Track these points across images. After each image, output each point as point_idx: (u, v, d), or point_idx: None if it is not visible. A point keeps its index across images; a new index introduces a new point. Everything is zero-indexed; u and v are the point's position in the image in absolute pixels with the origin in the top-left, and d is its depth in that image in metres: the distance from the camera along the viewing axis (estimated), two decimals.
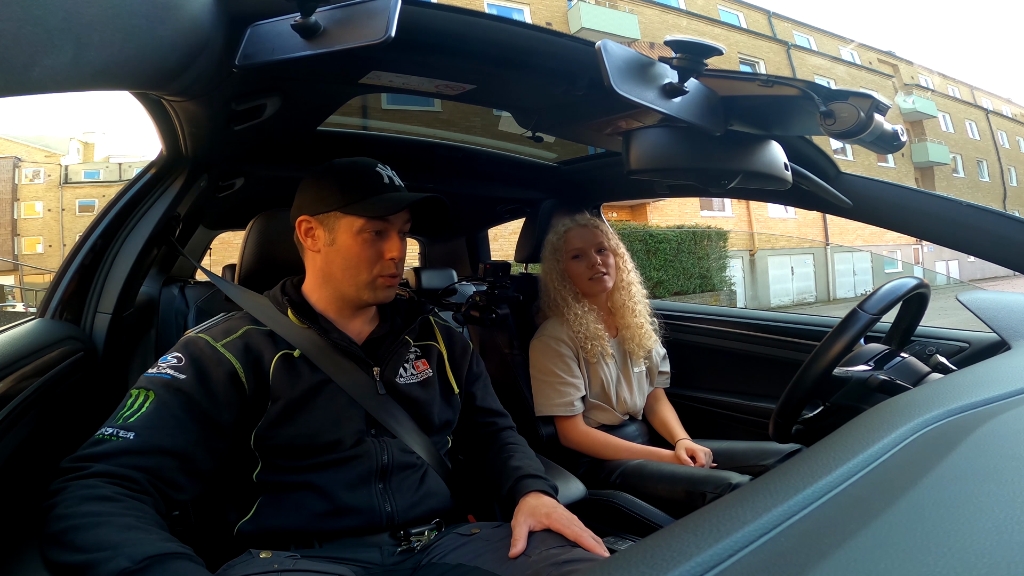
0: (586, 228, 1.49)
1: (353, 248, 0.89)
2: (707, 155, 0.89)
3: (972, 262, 18.47)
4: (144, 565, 0.60)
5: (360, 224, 0.88)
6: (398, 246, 0.91)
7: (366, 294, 0.91)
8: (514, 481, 0.92)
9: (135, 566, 0.59)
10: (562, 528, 0.81)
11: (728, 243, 12.06)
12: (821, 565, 0.29)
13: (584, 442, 1.41)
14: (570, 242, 1.48)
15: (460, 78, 0.89)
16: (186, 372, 0.81)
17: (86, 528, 0.63)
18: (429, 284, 1.64)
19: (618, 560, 0.33)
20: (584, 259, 1.46)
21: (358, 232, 0.89)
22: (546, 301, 1.52)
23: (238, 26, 0.61)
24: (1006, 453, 0.41)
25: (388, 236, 0.90)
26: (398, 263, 0.91)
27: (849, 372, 1.03)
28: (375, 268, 0.90)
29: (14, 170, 18.83)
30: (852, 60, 19.77)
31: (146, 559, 0.60)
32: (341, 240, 0.89)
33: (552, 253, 1.51)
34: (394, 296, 0.95)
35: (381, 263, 0.90)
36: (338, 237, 0.90)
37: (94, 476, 0.69)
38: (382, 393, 0.90)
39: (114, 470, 0.70)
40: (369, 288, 0.91)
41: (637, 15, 14.63)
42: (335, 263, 0.91)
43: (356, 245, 0.89)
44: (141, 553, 0.61)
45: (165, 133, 0.95)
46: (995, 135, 23.31)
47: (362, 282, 0.90)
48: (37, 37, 0.37)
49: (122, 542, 0.62)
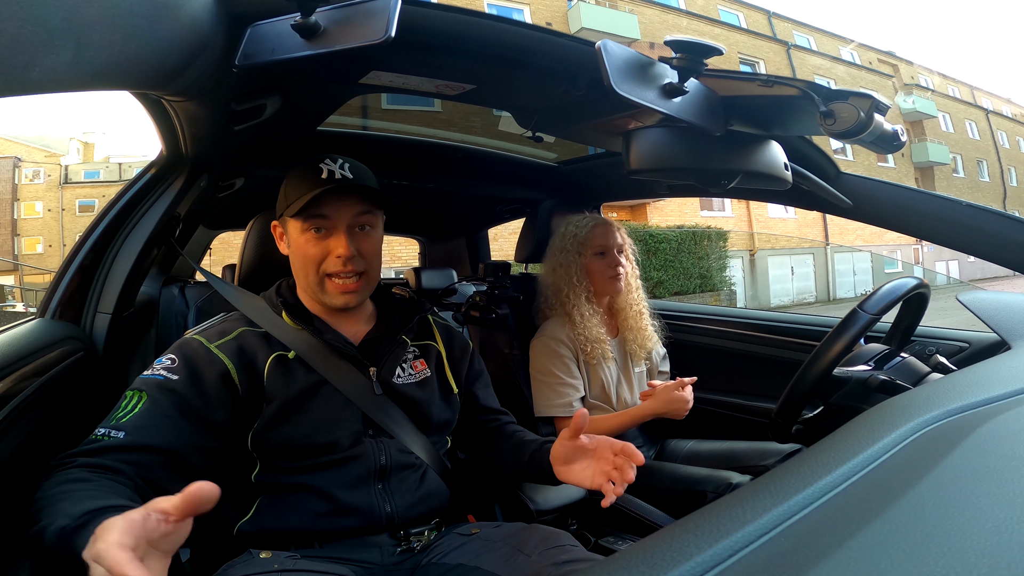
0: (611, 227, 1.47)
1: (301, 248, 0.89)
2: (707, 155, 0.89)
3: (972, 262, 18.46)
4: (83, 520, 0.58)
5: (300, 224, 0.88)
6: (344, 243, 0.87)
7: (322, 297, 0.90)
8: (538, 445, 0.91)
9: (74, 522, 0.58)
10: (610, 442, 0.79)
11: (728, 243, 12.06)
12: (821, 565, 0.29)
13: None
14: (596, 238, 1.45)
15: (460, 78, 0.89)
16: (179, 373, 0.81)
17: (51, 503, 0.62)
18: (429, 284, 1.64)
19: (618, 560, 0.33)
20: (608, 257, 1.44)
21: (302, 232, 0.88)
22: (549, 300, 1.50)
23: (238, 26, 0.61)
24: (1006, 453, 0.41)
25: (334, 233, 0.88)
26: (348, 260, 0.87)
27: (849, 372, 1.03)
28: (323, 266, 0.88)
29: (14, 170, 18.82)
30: (852, 60, 19.77)
31: (85, 514, 0.58)
32: (293, 241, 0.91)
33: (574, 246, 1.46)
34: (355, 302, 0.90)
35: (328, 260, 0.88)
36: (291, 239, 0.91)
37: (77, 467, 0.69)
38: (379, 394, 0.90)
39: (99, 462, 0.70)
40: (320, 290, 0.89)
41: (637, 15, 14.63)
42: (295, 265, 0.92)
43: (303, 244, 0.89)
44: (80, 509, 0.59)
45: (165, 133, 0.95)
46: (995, 135, 23.31)
47: (312, 283, 0.89)
48: (37, 37, 0.37)
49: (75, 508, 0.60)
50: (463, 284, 1.66)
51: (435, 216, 1.96)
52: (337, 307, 0.90)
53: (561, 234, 1.51)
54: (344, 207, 0.88)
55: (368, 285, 0.92)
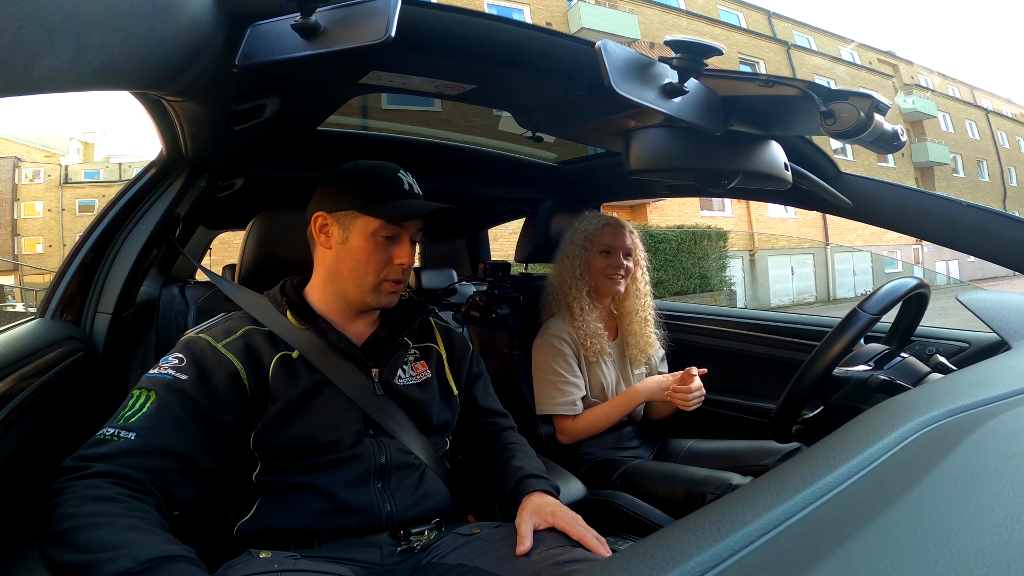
0: (622, 228, 1.48)
1: (365, 249, 0.89)
2: (707, 155, 0.89)
3: (972, 262, 18.47)
4: (147, 567, 0.60)
5: (376, 226, 0.89)
6: (408, 252, 0.91)
7: (370, 297, 0.91)
8: (517, 481, 0.92)
9: (139, 567, 0.59)
10: (566, 527, 0.81)
11: (728, 243, 12.06)
12: (821, 565, 0.29)
13: (584, 430, 1.41)
14: (604, 236, 1.46)
15: (460, 78, 0.89)
16: (187, 373, 0.81)
17: (88, 528, 0.63)
18: (429, 284, 1.64)
19: (618, 560, 0.33)
20: (612, 257, 1.45)
21: (372, 234, 0.89)
22: (555, 294, 1.51)
23: (238, 26, 0.61)
24: (1006, 453, 0.41)
25: (400, 241, 0.91)
26: (406, 269, 0.92)
27: (849, 372, 1.03)
28: (383, 272, 0.90)
29: (14, 170, 18.83)
30: (852, 60, 19.77)
31: (150, 560, 0.60)
32: (354, 240, 0.90)
33: (582, 241, 1.48)
34: (396, 302, 0.94)
35: (390, 267, 0.90)
36: (351, 236, 0.90)
37: (96, 476, 0.69)
38: (380, 394, 0.90)
39: (116, 470, 0.70)
40: (373, 292, 0.91)
41: (637, 15, 14.63)
42: (344, 262, 0.91)
43: (368, 247, 0.89)
44: (145, 555, 0.61)
45: (165, 133, 0.95)
46: (995, 135, 23.31)
47: (368, 285, 0.90)
48: (37, 37, 0.37)
49: (126, 543, 0.62)
50: (463, 284, 1.66)
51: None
52: (382, 306, 0.93)
53: (574, 228, 1.53)
54: (416, 220, 0.91)
55: None
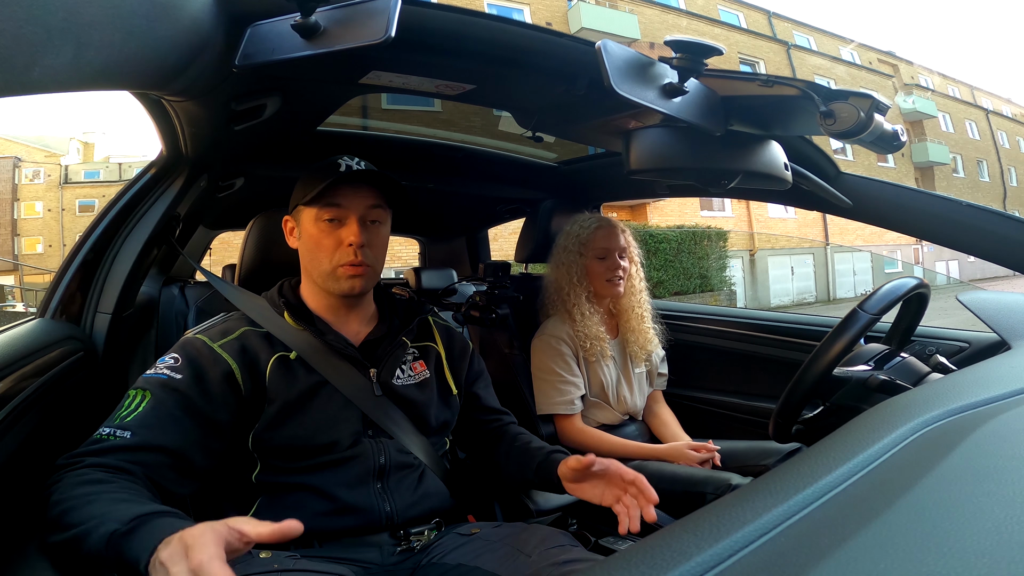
0: (614, 229, 1.47)
1: (314, 237, 0.91)
2: (707, 155, 0.89)
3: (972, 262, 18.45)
4: (133, 525, 0.59)
5: (315, 212, 0.90)
6: (355, 231, 0.89)
7: (331, 284, 0.91)
8: (545, 455, 0.92)
9: (124, 527, 0.59)
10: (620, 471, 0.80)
11: (728, 243, 12.05)
12: (821, 565, 0.29)
13: (583, 440, 1.41)
14: (598, 240, 1.45)
15: (460, 78, 0.89)
16: (182, 372, 0.81)
17: (79, 507, 0.63)
18: (429, 284, 1.64)
19: (618, 560, 0.33)
20: (608, 260, 1.44)
21: (315, 221, 0.90)
22: (552, 297, 1.50)
23: (238, 26, 0.61)
24: (1006, 453, 0.41)
25: (346, 223, 0.90)
26: (359, 249, 0.89)
27: (849, 372, 1.03)
28: (335, 256, 0.89)
29: (14, 170, 18.81)
30: (852, 60, 19.76)
31: (134, 519, 0.60)
32: (305, 231, 0.92)
33: (576, 246, 1.46)
34: (360, 287, 0.91)
35: (341, 250, 0.89)
36: (303, 229, 0.92)
37: (88, 467, 0.69)
38: (379, 395, 0.91)
39: (109, 462, 0.71)
40: (332, 278, 0.90)
41: (637, 15, 14.63)
42: (304, 256, 0.93)
43: (315, 234, 0.90)
44: (130, 514, 0.60)
45: (165, 133, 0.95)
46: (995, 135, 23.31)
47: (324, 271, 0.90)
48: (37, 37, 0.37)
49: (112, 510, 0.62)
50: (463, 284, 1.66)
51: (435, 216, 1.96)
52: (344, 292, 0.91)
53: (566, 232, 1.51)
54: (359, 198, 0.90)
55: (373, 277, 0.93)
